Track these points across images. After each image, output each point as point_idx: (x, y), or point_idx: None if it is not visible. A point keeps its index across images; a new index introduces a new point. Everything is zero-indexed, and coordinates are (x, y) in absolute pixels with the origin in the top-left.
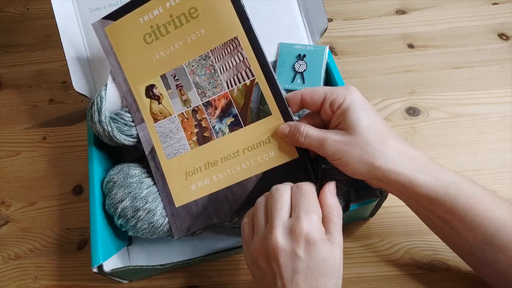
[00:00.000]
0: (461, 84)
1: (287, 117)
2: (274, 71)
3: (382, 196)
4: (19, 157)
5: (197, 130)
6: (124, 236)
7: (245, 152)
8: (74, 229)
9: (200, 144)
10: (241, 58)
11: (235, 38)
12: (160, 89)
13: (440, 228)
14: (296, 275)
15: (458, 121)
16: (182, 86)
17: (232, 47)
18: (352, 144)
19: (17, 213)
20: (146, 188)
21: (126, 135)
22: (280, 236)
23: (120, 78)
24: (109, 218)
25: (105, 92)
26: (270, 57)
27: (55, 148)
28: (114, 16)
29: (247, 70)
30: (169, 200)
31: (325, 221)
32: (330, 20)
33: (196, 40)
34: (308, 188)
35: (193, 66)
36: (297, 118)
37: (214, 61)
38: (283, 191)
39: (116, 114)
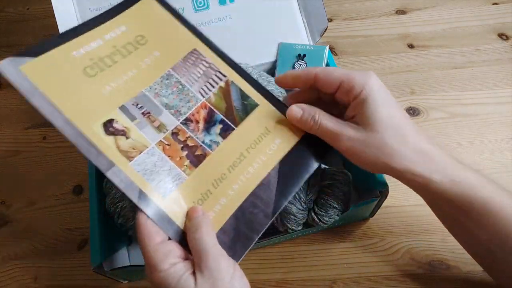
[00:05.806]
0: (461, 84)
1: (274, 101)
2: (274, 71)
3: (382, 196)
4: (19, 157)
5: (185, 152)
6: (124, 236)
7: (250, 151)
8: (74, 229)
9: (196, 166)
10: (207, 65)
11: (194, 50)
12: (122, 122)
13: (454, 227)
14: None
15: (458, 121)
16: (149, 112)
17: (194, 58)
18: (368, 143)
19: (17, 213)
20: None
21: None
22: None
23: (60, 122)
24: (109, 218)
25: None
26: (270, 57)
27: (55, 148)
28: (34, 52)
29: (217, 73)
30: None
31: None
32: (330, 20)
33: (152, 64)
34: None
35: (156, 89)
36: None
37: (178, 77)
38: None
39: None
